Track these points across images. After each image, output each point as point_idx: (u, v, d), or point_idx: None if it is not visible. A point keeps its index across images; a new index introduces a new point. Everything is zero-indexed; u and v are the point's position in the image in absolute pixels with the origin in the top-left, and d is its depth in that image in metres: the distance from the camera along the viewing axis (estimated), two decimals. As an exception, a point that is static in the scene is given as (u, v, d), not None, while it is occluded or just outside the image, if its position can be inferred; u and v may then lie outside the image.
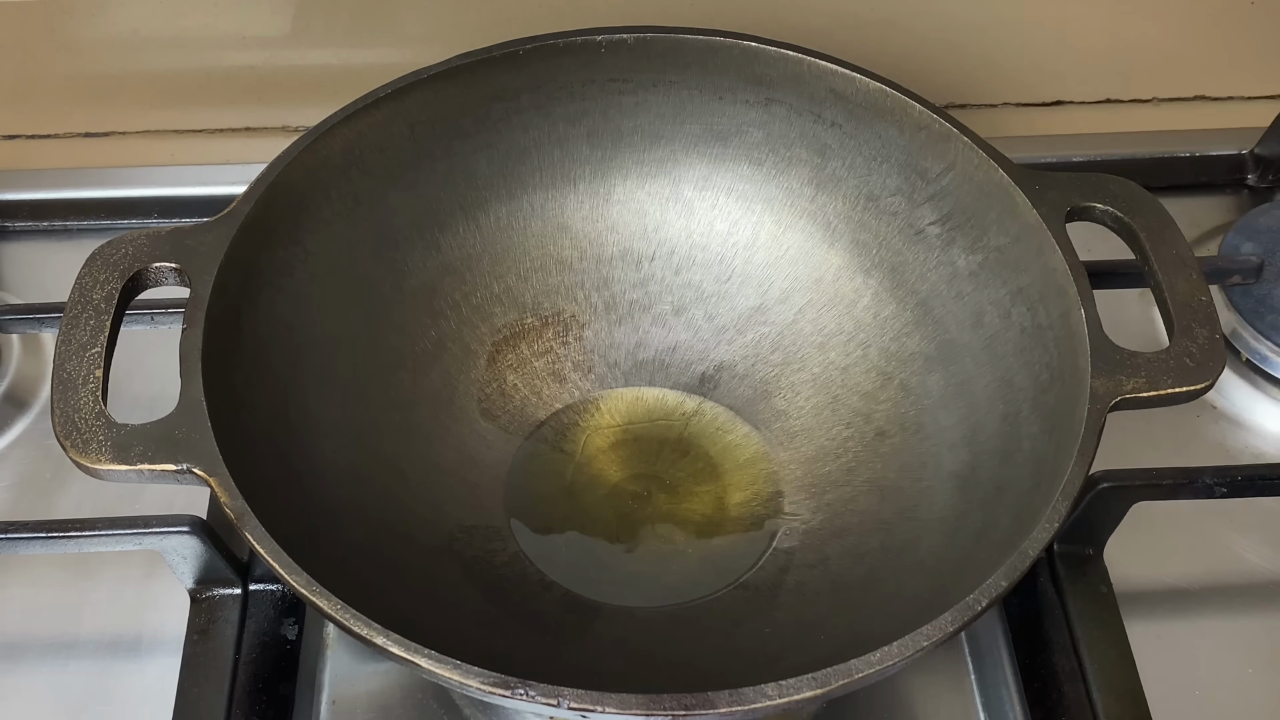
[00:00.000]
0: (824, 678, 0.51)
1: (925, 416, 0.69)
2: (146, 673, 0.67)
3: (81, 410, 0.57)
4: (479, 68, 0.71)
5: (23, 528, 0.64)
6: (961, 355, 0.68)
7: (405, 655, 0.51)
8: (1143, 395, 0.59)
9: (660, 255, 0.76)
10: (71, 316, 0.60)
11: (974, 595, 0.53)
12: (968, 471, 0.65)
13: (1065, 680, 0.65)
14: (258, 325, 0.64)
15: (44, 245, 0.87)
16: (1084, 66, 0.93)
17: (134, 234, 0.63)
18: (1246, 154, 0.90)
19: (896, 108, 0.70)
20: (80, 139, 0.93)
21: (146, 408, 0.58)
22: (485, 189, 0.74)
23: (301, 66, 0.90)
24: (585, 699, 0.50)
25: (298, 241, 0.67)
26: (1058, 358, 0.62)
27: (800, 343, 0.73)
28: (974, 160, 0.68)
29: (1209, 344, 0.61)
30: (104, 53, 0.89)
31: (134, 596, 0.70)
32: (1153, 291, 0.64)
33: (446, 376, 0.71)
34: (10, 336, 0.81)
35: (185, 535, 0.64)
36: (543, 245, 0.75)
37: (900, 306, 0.72)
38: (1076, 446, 0.57)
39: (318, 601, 0.53)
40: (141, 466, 0.56)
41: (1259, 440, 0.77)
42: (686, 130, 0.75)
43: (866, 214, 0.73)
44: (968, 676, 0.66)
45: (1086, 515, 0.66)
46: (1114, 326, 0.61)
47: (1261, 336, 0.79)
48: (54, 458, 0.62)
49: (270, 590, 0.68)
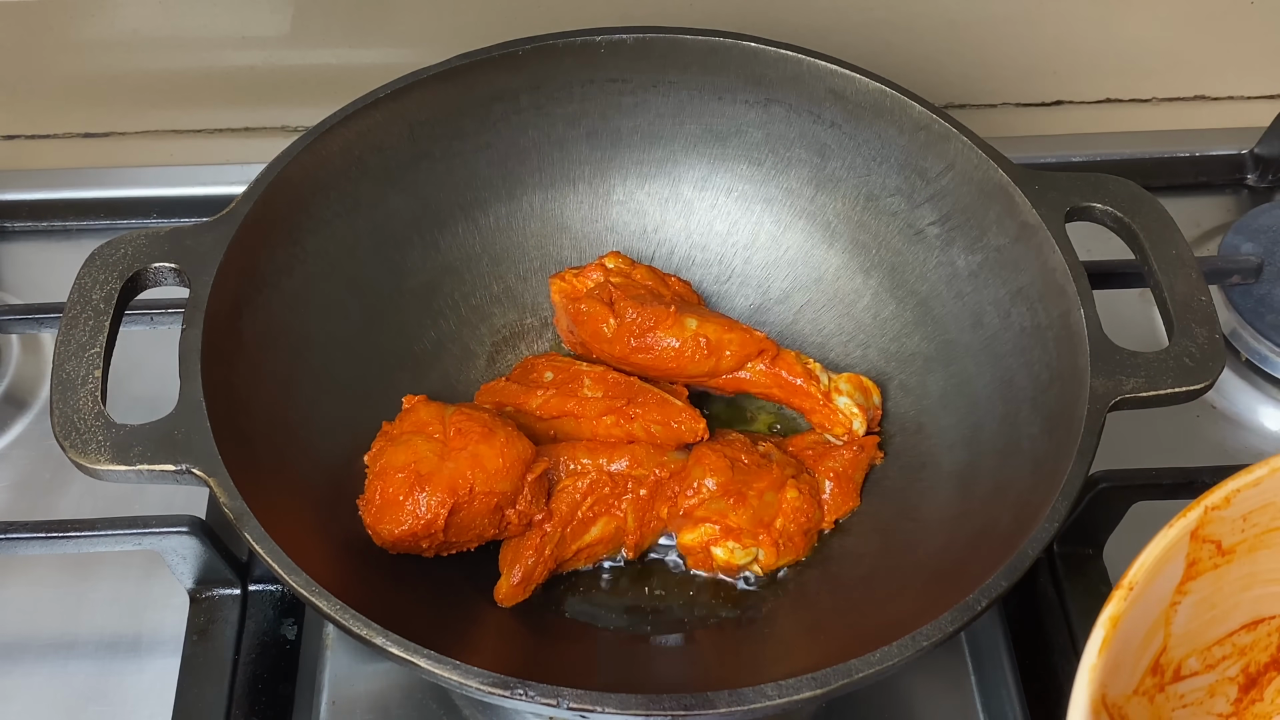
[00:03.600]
0: (824, 678, 0.51)
1: (925, 416, 0.69)
2: (146, 672, 0.67)
3: (81, 410, 0.57)
4: (479, 68, 0.71)
5: (23, 528, 0.64)
6: (961, 355, 0.68)
7: (405, 655, 0.51)
8: (1142, 395, 0.59)
9: (660, 255, 0.76)
10: (71, 317, 0.60)
11: (974, 595, 0.53)
12: (968, 471, 0.65)
13: (1065, 680, 0.65)
14: (257, 325, 0.64)
15: (44, 245, 0.87)
16: (1084, 66, 0.93)
17: (133, 234, 0.63)
18: (1246, 154, 0.90)
19: (896, 108, 0.70)
20: (80, 139, 0.93)
21: (146, 408, 0.58)
22: (485, 189, 0.74)
23: (301, 66, 0.90)
24: (585, 699, 0.50)
25: (297, 242, 0.67)
26: (1057, 358, 0.62)
27: (800, 343, 0.73)
28: (973, 160, 0.68)
29: (1209, 344, 0.61)
30: (104, 53, 0.89)
31: (134, 596, 0.70)
32: (1153, 291, 0.64)
33: (446, 377, 0.72)
34: (10, 337, 0.81)
35: (185, 535, 0.64)
36: (542, 245, 0.75)
37: (900, 306, 0.72)
38: (1076, 446, 0.57)
39: (317, 602, 0.53)
40: (141, 467, 0.56)
41: (1259, 440, 0.77)
42: (686, 131, 0.75)
43: (866, 214, 0.73)
44: (968, 676, 0.66)
45: (1086, 515, 0.66)
46: (1114, 326, 0.61)
47: (1261, 336, 0.79)
48: (54, 458, 0.62)
49: (270, 590, 0.68)
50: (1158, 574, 0.49)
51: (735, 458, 0.65)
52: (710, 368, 0.68)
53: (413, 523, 0.60)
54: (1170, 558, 0.50)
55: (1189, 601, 0.52)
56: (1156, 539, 0.49)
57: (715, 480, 0.64)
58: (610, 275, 0.70)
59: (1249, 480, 0.51)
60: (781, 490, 0.65)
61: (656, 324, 0.67)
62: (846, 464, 0.67)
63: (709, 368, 0.68)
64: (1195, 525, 0.50)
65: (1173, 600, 0.51)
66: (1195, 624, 0.53)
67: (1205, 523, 0.50)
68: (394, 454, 0.61)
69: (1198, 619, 0.53)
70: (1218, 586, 0.52)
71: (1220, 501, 0.50)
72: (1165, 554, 0.49)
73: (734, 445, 0.66)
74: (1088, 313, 0.61)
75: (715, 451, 0.65)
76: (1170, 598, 0.51)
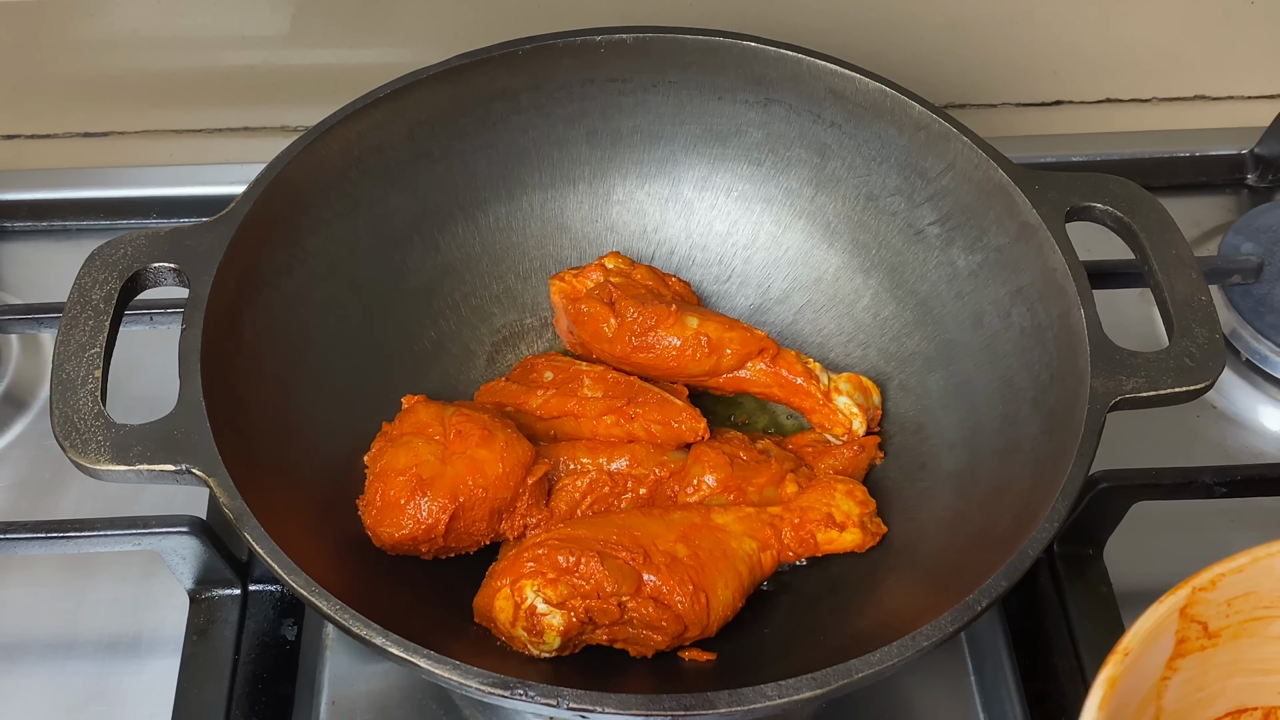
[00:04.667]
0: (824, 678, 0.51)
1: (925, 416, 0.69)
2: (146, 672, 0.67)
3: (81, 411, 0.57)
4: (479, 68, 0.71)
5: (23, 528, 0.64)
6: (961, 355, 0.68)
7: (405, 655, 0.51)
8: (1142, 395, 0.59)
9: (660, 256, 0.76)
10: (71, 317, 0.60)
11: (974, 595, 0.53)
12: (967, 471, 0.65)
13: (1065, 680, 0.65)
14: (257, 325, 0.64)
15: (44, 245, 0.87)
16: (1084, 66, 0.93)
17: (133, 234, 0.63)
18: (1246, 154, 0.90)
19: (896, 108, 0.70)
20: (80, 139, 0.93)
21: (146, 408, 0.58)
22: (485, 189, 0.74)
23: (301, 66, 0.90)
24: (585, 699, 0.50)
25: (297, 242, 0.67)
26: (1058, 358, 0.62)
27: (800, 343, 0.73)
28: (973, 160, 0.68)
29: (1209, 344, 0.61)
30: (104, 53, 0.89)
31: (134, 596, 0.70)
32: (1153, 291, 0.64)
33: (446, 376, 0.71)
34: (10, 337, 0.81)
35: (185, 535, 0.64)
36: (542, 245, 0.75)
37: (900, 306, 0.72)
38: (1076, 446, 0.57)
39: (317, 602, 0.53)
40: (140, 467, 0.56)
41: (1259, 440, 0.77)
42: (686, 130, 0.75)
43: (866, 214, 0.73)
44: (968, 676, 0.66)
45: (1086, 515, 0.66)
46: (1114, 326, 0.61)
47: (1261, 336, 0.79)
48: (54, 458, 0.62)
49: (269, 590, 0.68)
50: (1151, 644, 0.50)
51: (734, 454, 0.65)
52: (711, 366, 0.68)
53: (413, 526, 0.60)
54: (1162, 629, 0.51)
55: (1178, 679, 0.53)
56: (1149, 611, 0.50)
57: (715, 477, 0.64)
58: (610, 275, 0.70)
59: (1233, 566, 0.52)
60: (781, 485, 0.65)
61: (658, 323, 0.67)
62: (846, 463, 0.67)
63: (710, 366, 0.68)
64: (1184, 603, 0.51)
65: (1164, 674, 0.52)
66: (1184, 704, 0.54)
67: (1193, 602, 0.51)
68: (394, 456, 0.61)
69: (1186, 699, 0.54)
70: (1204, 669, 0.53)
71: (1207, 584, 0.52)
72: (1157, 626, 0.50)
73: (733, 443, 0.66)
74: (1088, 313, 0.61)
75: (714, 449, 0.65)
76: (1162, 670, 0.52)
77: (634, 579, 0.58)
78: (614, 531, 0.60)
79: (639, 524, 0.60)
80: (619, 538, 0.59)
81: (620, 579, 0.58)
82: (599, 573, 0.58)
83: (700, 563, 0.59)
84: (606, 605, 0.57)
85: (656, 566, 0.59)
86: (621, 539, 0.59)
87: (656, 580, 0.58)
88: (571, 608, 0.57)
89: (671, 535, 0.60)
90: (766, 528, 0.62)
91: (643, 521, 0.61)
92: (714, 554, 0.60)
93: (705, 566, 0.60)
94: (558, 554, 0.58)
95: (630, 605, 0.58)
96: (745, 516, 0.63)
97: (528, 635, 0.58)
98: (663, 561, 0.59)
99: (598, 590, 0.58)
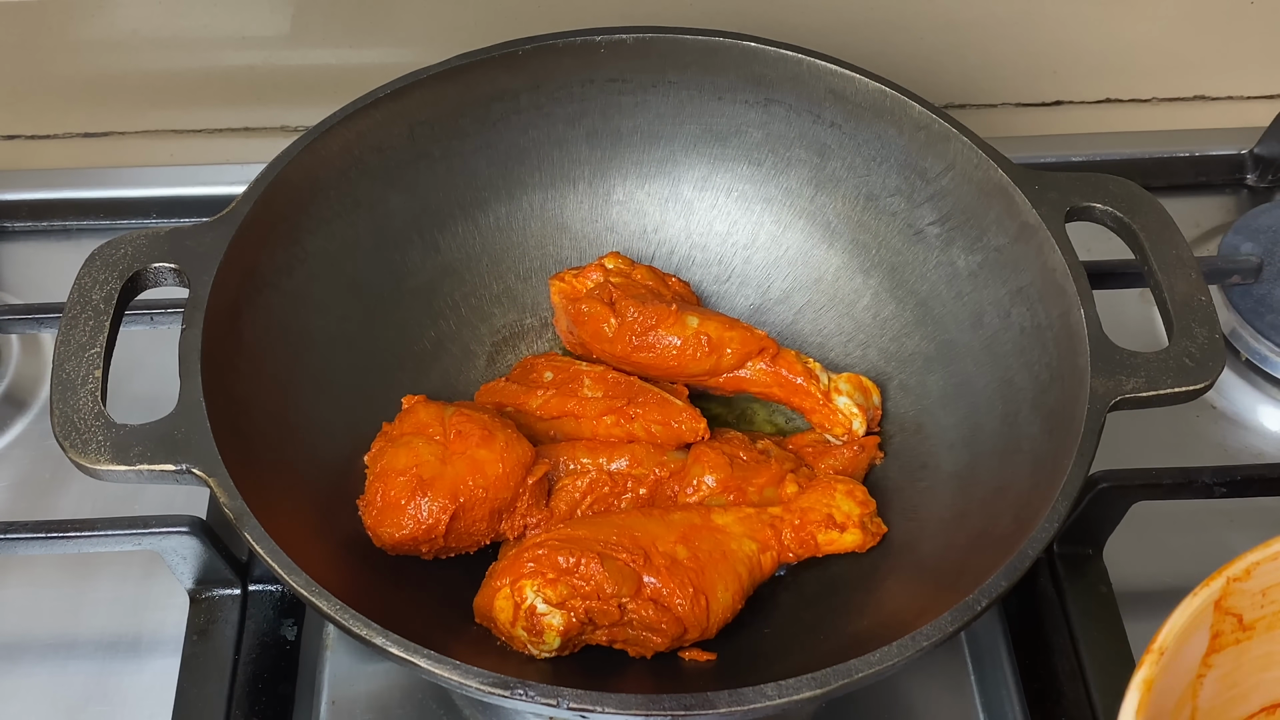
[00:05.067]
0: (824, 678, 0.51)
1: (925, 416, 0.69)
2: (146, 672, 0.67)
3: (81, 411, 0.57)
4: (478, 68, 0.71)
5: (23, 528, 0.64)
6: (961, 355, 0.68)
7: (405, 655, 0.51)
8: (1142, 395, 0.59)
9: (660, 256, 0.76)
10: (71, 317, 0.60)
11: (974, 595, 0.53)
12: (967, 471, 0.65)
13: (1065, 680, 0.65)
14: (257, 325, 0.64)
15: (43, 245, 0.87)
16: (1084, 66, 0.93)
17: (133, 234, 0.63)
18: (1246, 154, 0.90)
19: (896, 108, 0.70)
20: (80, 139, 0.93)
21: (146, 408, 0.58)
22: (485, 189, 0.74)
23: (301, 66, 0.90)
24: (585, 699, 0.50)
25: (297, 242, 0.67)
26: (1057, 358, 0.62)
27: (800, 343, 0.73)
28: (973, 160, 0.68)
29: (1209, 344, 0.61)
30: (104, 53, 0.89)
31: (134, 596, 0.70)
32: (1152, 291, 0.64)
33: (446, 376, 0.72)
34: (10, 336, 0.81)
35: (185, 535, 0.64)
36: (542, 245, 0.75)
37: (900, 306, 0.72)
38: (1076, 446, 0.57)
39: (317, 602, 0.53)
40: (141, 467, 0.56)
41: (1259, 440, 0.77)
42: (686, 130, 0.75)
43: (866, 214, 0.73)
44: (968, 676, 0.66)
45: (1086, 515, 0.66)
46: (1114, 326, 0.61)
47: (1261, 336, 0.79)
48: (54, 458, 0.62)
49: (269, 590, 0.68)
50: (1185, 641, 0.49)
51: (734, 455, 0.65)
52: (711, 366, 0.68)
53: (414, 527, 0.60)
54: (1197, 625, 0.50)
55: (1213, 676, 0.52)
56: (1183, 605, 0.49)
57: (715, 477, 0.64)
58: (610, 275, 0.70)
59: (1268, 554, 0.51)
60: (781, 485, 0.65)
61: (658, 322, 0.67)
62: (846, 463, 0.67)
63: (710, 366, 0.68)
64: (1219, 595, 0.50)
65: (1199, 672, 0.51)
66: (1220, 700, 0.53)
67: (1227, 594, 0.50)
68: (394, 456, 0.61)
69: (1222, 695, 0.53)
70: (1239, 663, 0.52)
71: (1241, 573, 0.51)
72: (1192, 621, 0.49)
73: (733, 443, 0.66)
74: (1088, 313, 0.61)
75: (714, 449, 0.65)
76: (1197, 669, 0.51)
77: (634, 581, 0.58)
78: (614, 532, 0.60)
79: (639, 525, 0.60)
80: (619, 538, 0.59)
81: (620, 580, 0.58)
82: (599, 574, 0.58)
83: (700, 565, 0.59)
84: (606, 606, 0.57)
85: (657, 568, 0.59)
86: (622, 540, 0.59)
87: (657, 582, 0.58)
88: (571, 608, 0.57)
89: (672, 536, 0.60)
90: (766, 528, 0.62)
91: (643, 522, 0.61)
92: (714, 556, 0.60)
93: (705, 569, 0.59)
94: (558, 554, 0.58)
95: (630, 607, 0.58)
96: (745, 517, 0.62)
97: (528, 635, 0.58)
98: (663, 563, 0.59)
99: (598, 591, 0.58)
